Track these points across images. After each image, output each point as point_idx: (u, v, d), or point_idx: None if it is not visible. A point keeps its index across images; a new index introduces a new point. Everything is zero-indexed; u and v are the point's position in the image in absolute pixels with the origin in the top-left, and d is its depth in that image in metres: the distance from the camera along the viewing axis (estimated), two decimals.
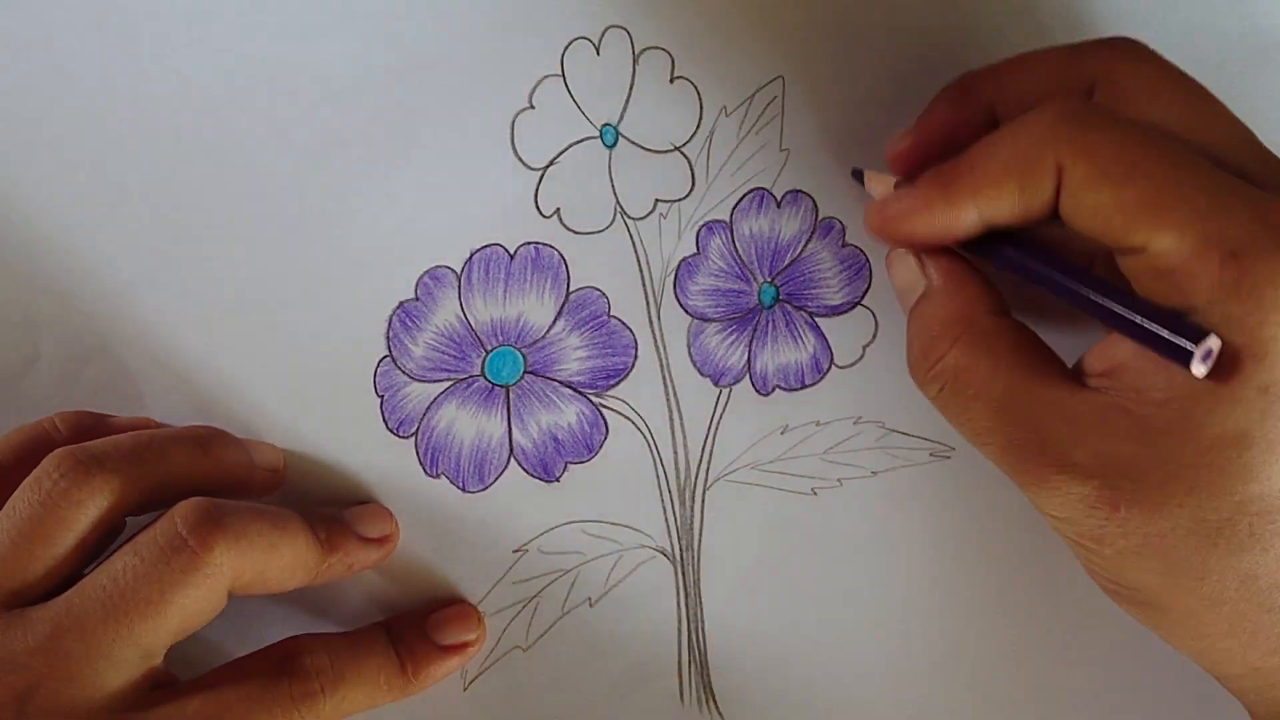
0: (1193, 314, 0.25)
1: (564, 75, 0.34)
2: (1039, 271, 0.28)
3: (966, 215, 0.28)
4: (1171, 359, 0.25)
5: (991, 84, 0.31)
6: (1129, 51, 0.29)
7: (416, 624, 0.34)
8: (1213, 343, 0.24)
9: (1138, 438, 0.25)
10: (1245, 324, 0.24)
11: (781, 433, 0.36)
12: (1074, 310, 0.28)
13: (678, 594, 0.36)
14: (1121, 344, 0.27)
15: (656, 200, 0.35)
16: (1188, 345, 0.24)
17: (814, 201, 0.35)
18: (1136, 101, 0.28)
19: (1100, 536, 0.26)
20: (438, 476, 0.35)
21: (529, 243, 0.34)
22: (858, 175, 0.34)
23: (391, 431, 0.34)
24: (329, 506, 0.34)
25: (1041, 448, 0.26)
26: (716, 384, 0.36)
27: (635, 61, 0.34)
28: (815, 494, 0.36)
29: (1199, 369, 0.24)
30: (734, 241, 0.35)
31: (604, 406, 0.35)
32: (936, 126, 0.32)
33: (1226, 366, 0.25)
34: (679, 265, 0.35)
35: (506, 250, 0.34)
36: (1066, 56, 0.30)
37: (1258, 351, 0.24)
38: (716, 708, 0.36)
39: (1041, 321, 0.31)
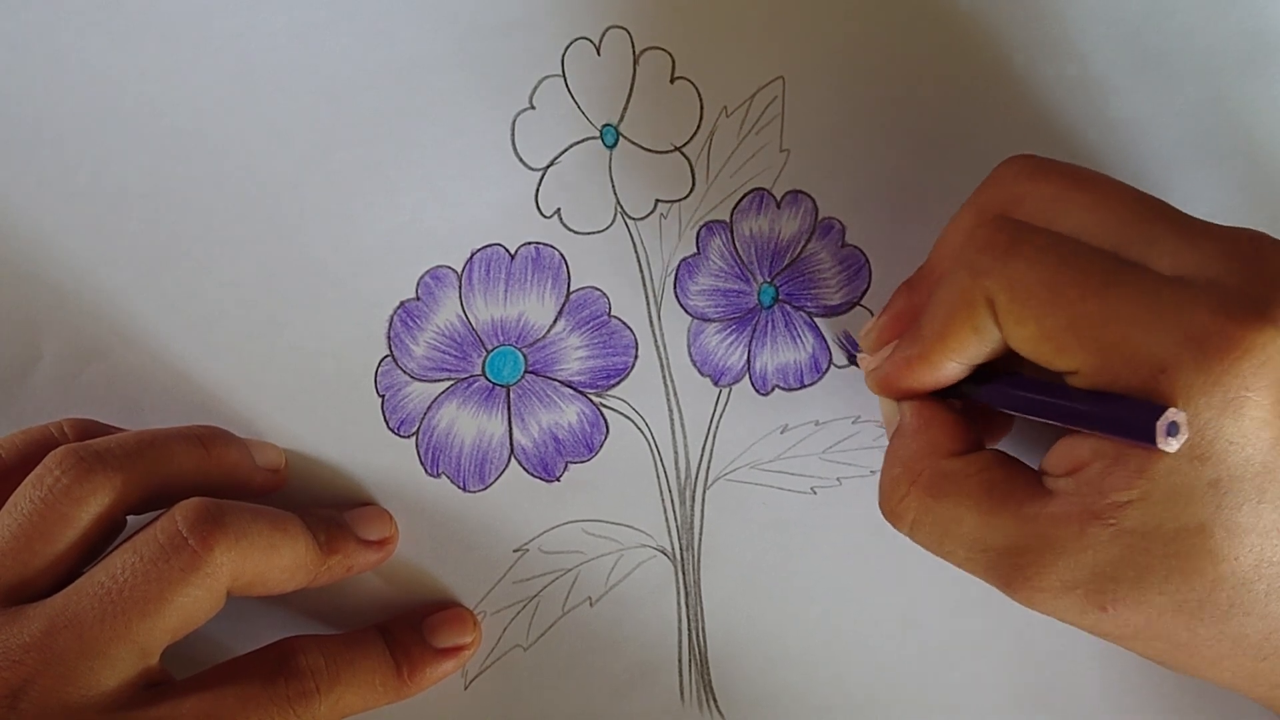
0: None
1: (564, 75, 0.34)
2: (1006, 397, 0.29)
3: (945, 365, 0.29)
4: (1139, 441, 0.25)
5: (931, 264, 0.32)
6: (1021, 171, 0.30)
7: (412, 626, 0.34)
8: (1175, 415, 0.24)
9: (1110, 541, 0.26)
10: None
11: (781, 432, 0.36)
12: None
13: (678, 593, 0.36)
14: (1080, 444, 0.27)
15: (657, 200, 0.35)
16: (1150, 422, 0.25)
17: (814, 202, 0.35)
18: (1046, 217, 0.28)
19: (1097, 630, 0.27)
20: (438, 476, 0.35)
21: (530, 243, 0.34)
22: (852, 359, 0.36)
23: (392, 431, 0.34)
24: (330, 506, 0.34)
25: (1021, 570, 0.27)
26: (716, 384, 0.36)
27: (636, 62, 0.34)
28: (815, 493, 0.36)
29: (1171, 445, 0.24)
30: (734, 241, 0.35)
31: (604, 406, 0.35)
32: (899, 311, 0.32)
33: None
34: (679, 265, 0.35)
35: (507, 250, 0.34)
36: (973, 209, 0.30)
37: (1202, 453, 0.25)
38: (716, 707, 0.36)
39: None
